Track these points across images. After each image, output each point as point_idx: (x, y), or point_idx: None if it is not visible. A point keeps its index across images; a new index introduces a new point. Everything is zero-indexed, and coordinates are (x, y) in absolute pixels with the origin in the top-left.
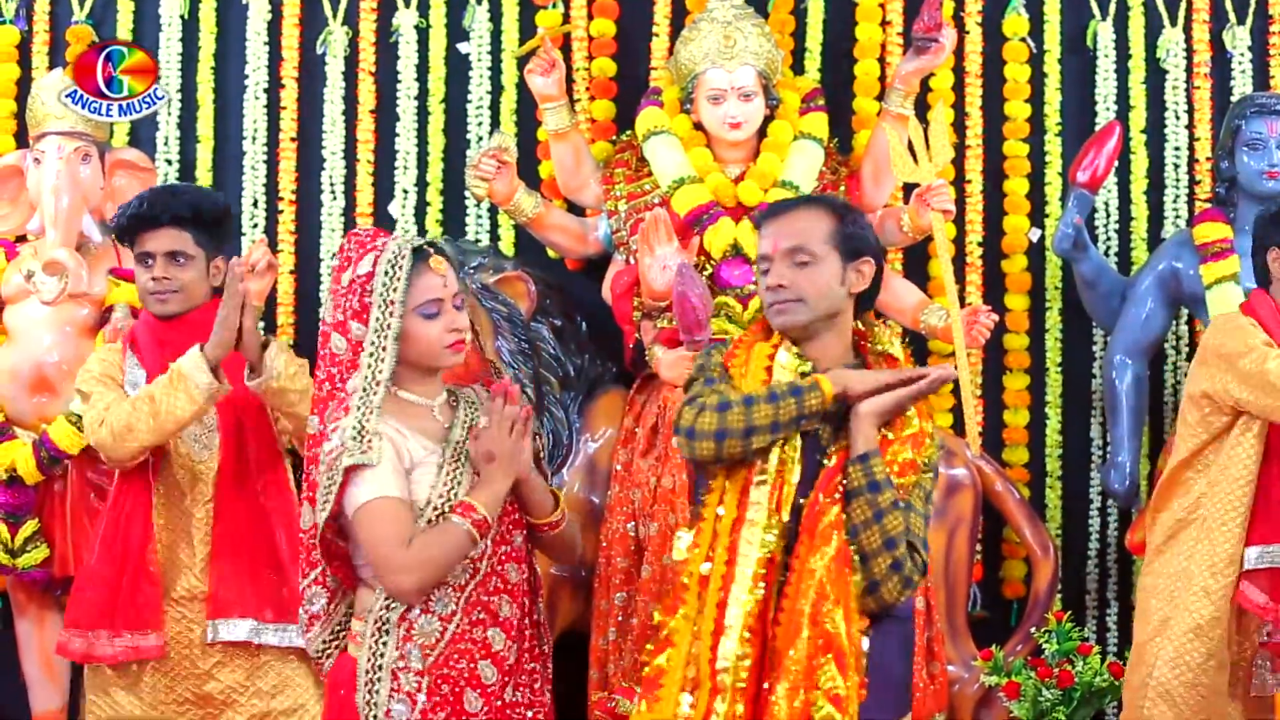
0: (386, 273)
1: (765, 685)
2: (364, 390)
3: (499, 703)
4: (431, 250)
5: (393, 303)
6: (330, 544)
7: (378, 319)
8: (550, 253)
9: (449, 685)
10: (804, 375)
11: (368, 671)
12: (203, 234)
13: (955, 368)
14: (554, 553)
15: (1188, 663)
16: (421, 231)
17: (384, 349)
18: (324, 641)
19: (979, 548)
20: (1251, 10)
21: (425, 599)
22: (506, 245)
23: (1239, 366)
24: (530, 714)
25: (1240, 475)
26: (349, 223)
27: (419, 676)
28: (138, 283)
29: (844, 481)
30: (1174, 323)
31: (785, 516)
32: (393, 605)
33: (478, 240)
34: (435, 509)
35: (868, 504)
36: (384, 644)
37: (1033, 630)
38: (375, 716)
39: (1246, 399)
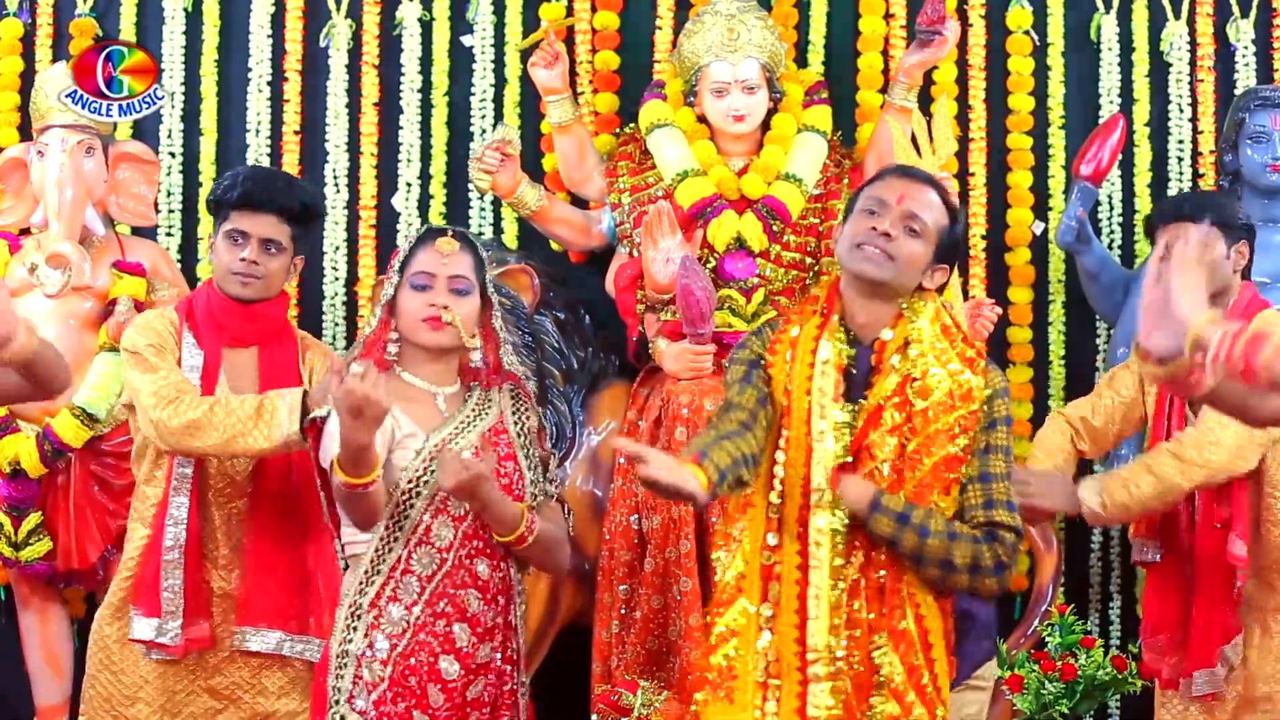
0: (402, 249)
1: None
2: (353, 350)
3: (460, 699)
4: (449, 233)
5: (394, 275)
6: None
7: (385, 290)
8: (554, 245)
9: (415, 677)
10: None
11: (337, 658)
12: (299, 230)
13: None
14: (533, 563)
15: None
16: (424, 225)
17: (374, 314)
18: None
19: None
20: (1255, 3)
21: (395, 587)
22: (510, 238)
23: None
24: (495, 713)
25: None
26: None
27: (384, 666)
28: (219, 258)
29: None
30: None
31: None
32: (364, 591)
33: (481, 233)
34: (404, 493)
35: (903, 553)
36: (354, 629)
37: (1036, 623)
38: (338, 702)
39: None
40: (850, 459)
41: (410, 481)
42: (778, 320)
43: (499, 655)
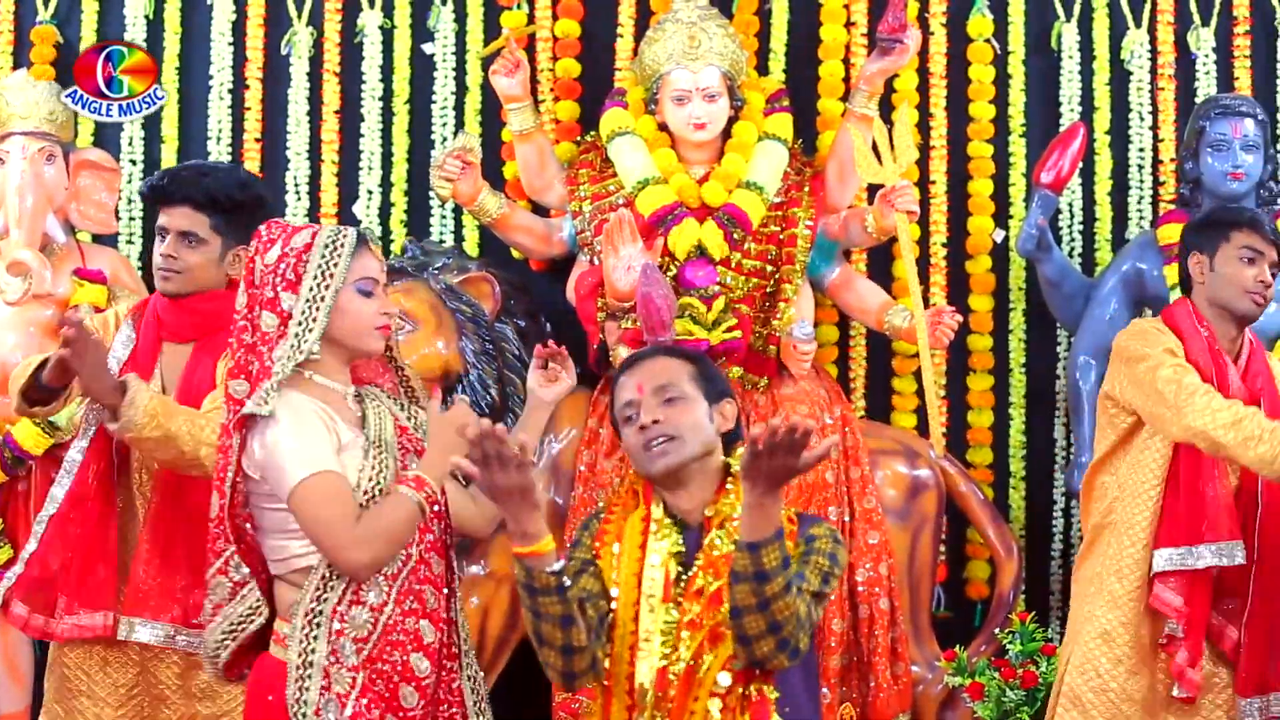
0: (328, 245)
1: None
2: (286, 358)
3: (432, 695)
4: (370, 237)
5: (331, 275)
6: (242, 533)
7: (312, 289)
8: (515, 253)
9: (383, 681)
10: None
11: (298, 669)
12: (221, 219)
13: (920, 369)
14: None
15: (1095, 668)
16: (386, 232)
17: (314, 320)
18: (222, 633)
19: (943, 548)
20: (1215, 12)
21: (355, 589)
22: (471, 246)
23: (1135, 371)
24: (447, 710)
25: (1148, 478)
26: (314, 223)
27: (352, 673)
28: (154, 254)
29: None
30: None
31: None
32: (324, 598)
33: (442, 241)
34: (366, 493)
35: (752, 592)
36: (315, 639)
37: (996, 631)
38: (305, 715)
39: (1138, 405)
40: (669, 662)
41: (370, 481)
42: (602, 511)
43: (446, 649)
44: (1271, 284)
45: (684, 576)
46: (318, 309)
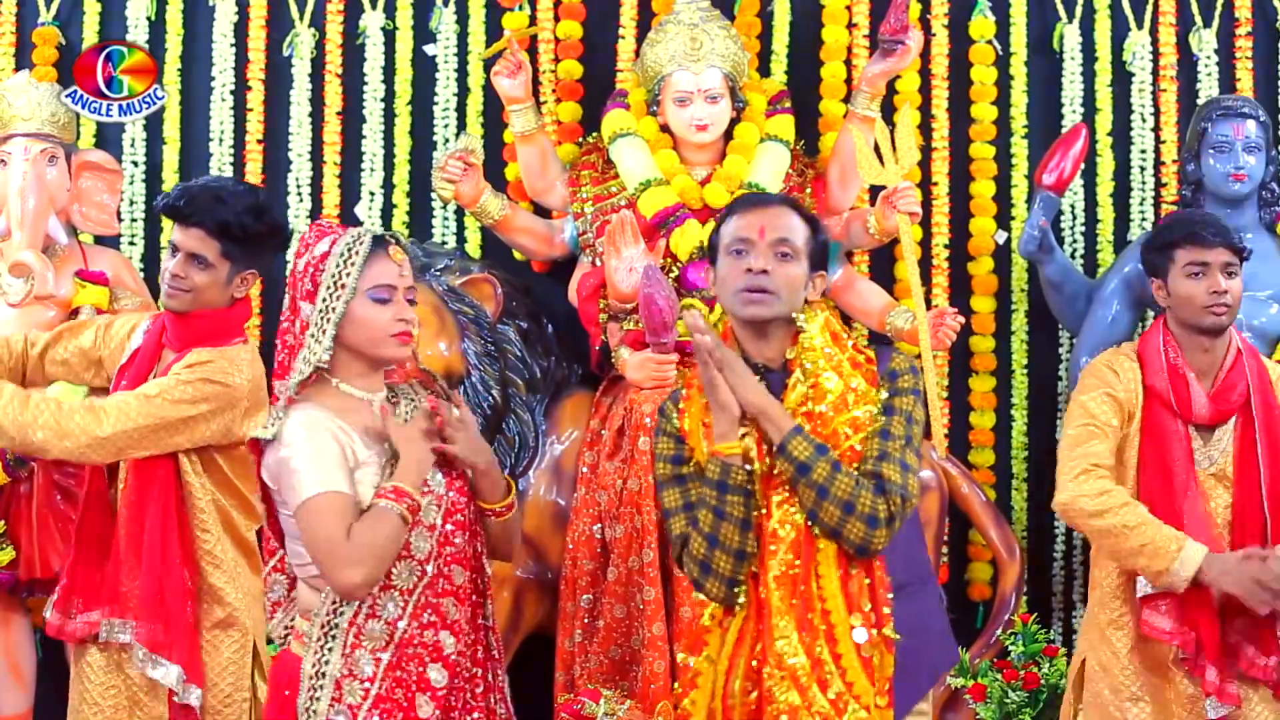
0: (342, 254)
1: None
2: (299, 371)
3: (446, 706)
4: (393, 241)
5: (343, 285)
6: (281, 534)
7: (324, 299)
8: (517, 255)
9: (402, 690)
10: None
11: (311, 678)
12: (233, 247)
13: (921, 369)
14: (494, 543)
15: (1101, 698)
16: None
17: (324, 330)
18: (284, 628)
19: (945, 550)
20: (1218, 13)
21: (372, 603)
22: (473, 247)
23: (1069, 409)
24: (473, 717)
25: None
26: (349, 225)
27: (366, 684)
28: (162, 266)
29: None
30: (1140, 325)
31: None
32: (340, 610)
33: (444, 242)
34: None
35: (807, 485)
36: (329, 649)
37: (999, 632)
38: None
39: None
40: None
41: None
42: (679, 389)
43: (468, 658)
44: (1226, 290)
45: None
46: (328, 319)
